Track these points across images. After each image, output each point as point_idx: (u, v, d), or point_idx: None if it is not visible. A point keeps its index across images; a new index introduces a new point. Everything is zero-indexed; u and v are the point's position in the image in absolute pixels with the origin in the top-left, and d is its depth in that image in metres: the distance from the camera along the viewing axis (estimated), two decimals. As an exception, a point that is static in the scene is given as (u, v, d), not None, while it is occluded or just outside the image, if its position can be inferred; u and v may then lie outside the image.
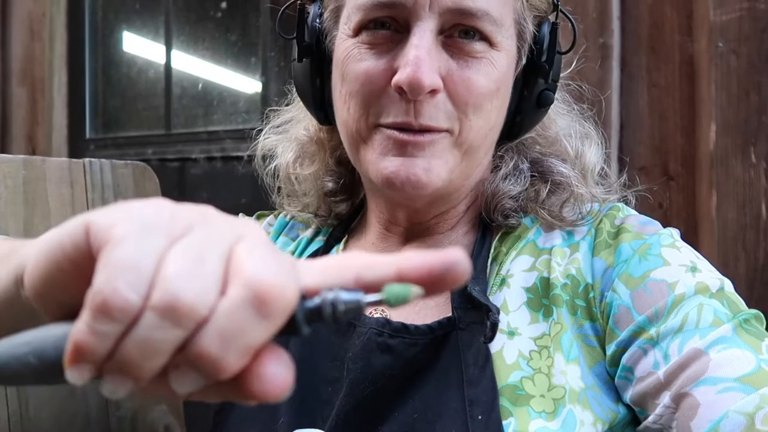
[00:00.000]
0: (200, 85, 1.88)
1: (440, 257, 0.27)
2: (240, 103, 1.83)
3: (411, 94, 0.53)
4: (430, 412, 0.53)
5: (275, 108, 0.75)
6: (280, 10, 0.65)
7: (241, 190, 1.73)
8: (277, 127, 0.74)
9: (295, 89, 0.66)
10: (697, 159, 1.17)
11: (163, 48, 1.90)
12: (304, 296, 0.27)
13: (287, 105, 0.74)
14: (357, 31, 0.57)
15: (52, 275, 0.29)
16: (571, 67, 0.69)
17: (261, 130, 0.74)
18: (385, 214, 0.65)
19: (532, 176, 0.63)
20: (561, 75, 0.64)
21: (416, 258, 0.27)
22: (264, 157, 0.73)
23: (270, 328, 0.26)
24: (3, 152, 1.90)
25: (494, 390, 0.52)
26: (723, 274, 0.55)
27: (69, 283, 0.28)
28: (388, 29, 0.56)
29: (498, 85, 0.57)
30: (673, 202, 1.19)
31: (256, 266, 0.26)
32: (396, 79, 0.53)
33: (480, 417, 0.50)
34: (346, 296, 0.27)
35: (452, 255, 0.27)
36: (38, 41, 1.89)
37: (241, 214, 0.77)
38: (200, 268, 0.26)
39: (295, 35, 0.61)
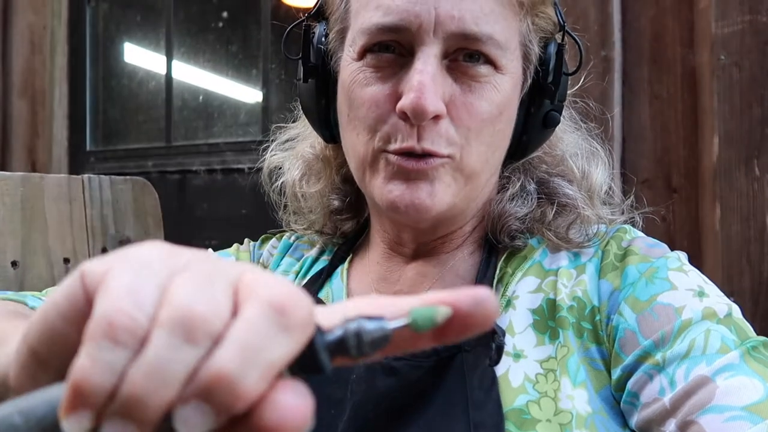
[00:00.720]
0: (201, 97, 1.88)
1: (469, 293, 0.25)
2: (241, 115, 1.83)
3: (415, 120, 0.53)
4: None
5: (281, 125, 0.75)
6: (286, 29, 0.65)
7: (242, 203, 1.72)
8: (283, 143, 0.74)
9: (300, 107, 0.67)
10: (700, 171, 1.16)
11: (164, 59, 1.90)
12: (322, 330, 0.25)
13: (293, 122, 0.74)
14: (362, 54, 0.57)
15: (48, 345, 0.26)
16: (578, 84, 0.69)
17: (267, 147, 0.74)
18: (390, 234, 0.65)
19: (538, 198, 0.62)
20: (568, 92, 0.64)
21: (443, 296, 0.25)
22: (270, 174, 0.73)
23: (291, 343, 0.24)
24: (3, 164, 1.90)
25: (500, 414, 0.51)
26: (727, 289, 0.55)
27: (65, 347, 0.25)
28: (392, 53, 0.56)
29: (501, 109, 0.57)
30: (677, 215, 1.18)
31: (269, 285, 0.24)
32: (400, 104, 0.53)
33: None
34: (370, 324, 0.24)
35: (481, 291, 0.25)
36: (39, 54, 1.90)
37: (246, 240, 0.77)
38: (209, 289, 0.24)
39: (300, 55, 0.61)
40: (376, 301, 0.26)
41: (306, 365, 0.24)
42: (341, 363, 0.25)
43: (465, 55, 0.55)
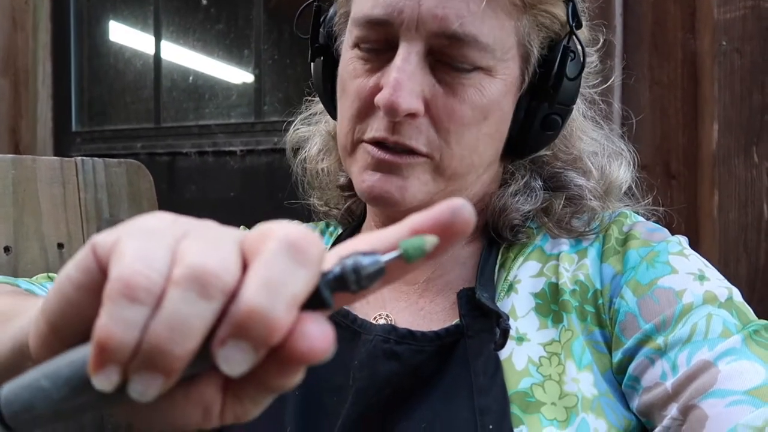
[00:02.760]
0: (191, 78, 1.84)
1: (445, 206, 0.27)
2: (233, 97, 1.79)
3: (388, 116, 0.53)
4: (439, 422, 0.52)
5: (309, 98, 0.75)
6: (284, 9, 0.66)
7: (233, 185, 1.70)
8: (307, 118, 0.75)
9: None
10: (699, 158, 1.17)
11: (152, 38, 1.85)
12: (322, 269, 0.26)
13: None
14: (355, 44, 0.57)
15: (65, 316, 0.27)
16: (603, 85, 0.67)
17: (292, 122, 0.75)
18: (380, 218, 0.65)
19: (545, 192, 0.62)
20: (592, 92, 0.63)
21: (424, 215, 0.27)
22: (295, 150, 0.74)
23: (309, 276, 0.25)
24: (-14, 145, 1.85)
25: (505, 398, 0.51)
26: (724, 275, 0.55)
27: (81, 316, 0.27)
28: (379, 46, 0.56)
29: (485, 113, 0.55)
30: (675, 201, 1.18)
31: (280, 227, 0.26)
32: (377, 98, 0.54)
33: (491, 426, 0.50)
34: (365, 259, 0.26)
35: (455, 202, 0.27)
36: (21, 31, 1.84)
37: (241, 228, 0.76)
38: (216, 248, 0.26)
39: (309, 35, 0.63)
40: (363, 239, 0.28)
41: (311, 302, 0.26)
42: (341, 298, 0.27)
43: (451, 60, 0.54)
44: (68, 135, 1.88)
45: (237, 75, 1.82)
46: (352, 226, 0.71)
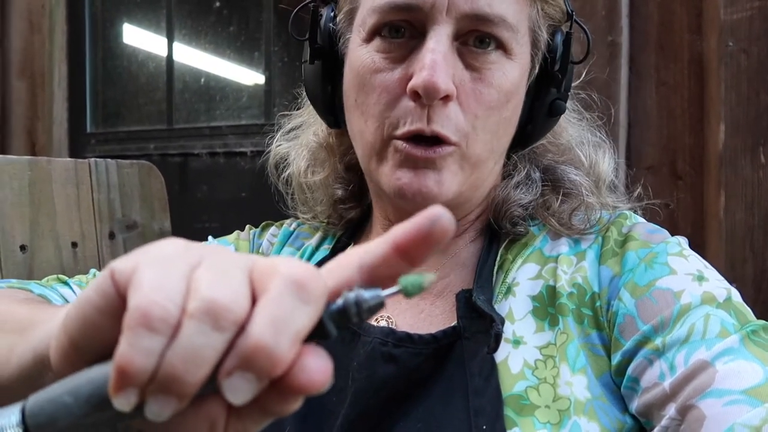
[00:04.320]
0: (203, 80, 1.86)
1: (424, 216, 0.29)
2: (243, 98, 1.81)
3: (426, 98, 0.52)
4: (435, 422, 0.52)
5: (285, 113, 0.74)
6: (293, 10, 0.64)
7: (244, 186, 1.72)
8: (288, 132, 0.74)
9: (305, 92, 0.66)
10: (705, 159, 1.16)
11: (164, 41, 1.88)
12: (326, 301, 0.28)
13: (297, 109, 0.74)
14: (371, 35, 0.56)
15: (85, 335, 0.29)
16: (582, 77, 0.69)
17: (272, 137, 0.74)
18: (392, 222, 0.65)
19: (543, 185, 0.62)
20: (573, 84, 0.64)
21: (403, 227, 0.29)
22: (276, 165, 0.73)
23: (312, 313, 0.27)
24: (3, 147, 1.88)
25: (499, 400, 0.52)
26: (730, 276, 0.55)
27: (101, 336, 0.29)
28: (402, 36, 0.55)
29: (509, 97, 0.56)
30: (681, 202, 1.18)
31: (285, 265, 0.28)
32: (412, 83, 0.53)
33: (484, 427, 0.50)
34: (366, 294, 0.28)
35: (434, 210, 0.29)
36: (38, 34, 1.87)
37: (247, 227, 0.77)
38: (227, 279, 0.27)
39: (307, 37, 0.61)
40: (357, 249, 0.30)
41: (315, 332, 0.28)
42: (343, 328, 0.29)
43: (476, 40, 0.55)
44: (83, 136, 1.91)
45: (247, 77, 1.83)
46: (351, 229, 0.71)
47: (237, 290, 0.27)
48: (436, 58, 0.52)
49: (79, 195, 0.88)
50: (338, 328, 0.28)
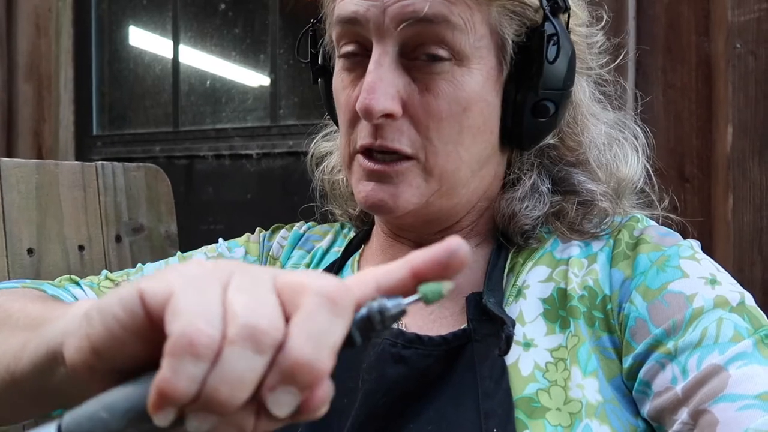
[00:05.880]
0: (208, 82, 1.86)
1: (443, 247, 0.31)
2: (249, 101, 1.81)
3: (366, 119, 0.55)
4: (445, 424, 0.52)
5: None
6: (297, 26, 0.69)
7: (250, 188, 1.72)
8: (327, 134, 0.77)
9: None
10: (713, 161, 1.16)
11: (170, 43, 1.88)
12: None
13: None
14: (339, 50, 0.59)
15: (107, 346, 0.30)
16: (613, 63, 0.67)
17: (314, 139, 0.78)
18: (389, 224, 0.67)
19: (555, 194, 0.61)
20: (598, 72, 0.63)
21: (422, 254, 0.31)
22: (317, 163, 0.76)
23: (344, 325, 0.28)
24: (9, 148, 1.89)
25: (510, 403, 0.52)
26: (738, 279, 0.55)
27: (124, 350, 0.30)
28: (357, 56, 0.58)
29: (465, 105, 0.55)
30: (689, 204, 1.18)
31: (314, 281, 0.29)
32: (356, 106, 0.55)
33: (495, 430, 0.50)
34: (389, 303, 0.29)
35: (452, 242, 0.31)
36: (44, 37, 1.88)
37: (257, 229, 0.77)
38: (260, 301, 0.28)
39: (308, 60, 0.66)
40: (376, 269, 0.32)
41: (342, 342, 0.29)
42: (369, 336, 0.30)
43: (424, 55, 0.55)
44: (89, 138, 1.91)
45: (253, 79, 1.84)
46: (362, 231, 0.72)
47: (272, 312, 0.28)
48: (370, 80, 0.54)
49: (86, 198, 0.88)
50: (363, 336, 0.30)
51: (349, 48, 0.58)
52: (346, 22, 0.56)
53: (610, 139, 0.64)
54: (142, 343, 0.29)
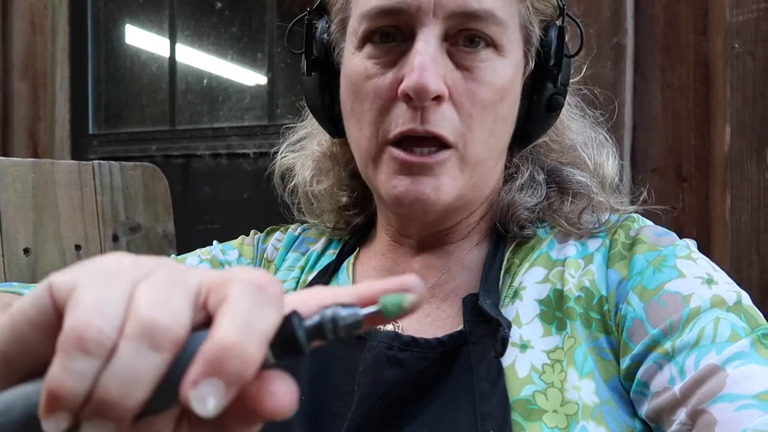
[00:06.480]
0: (205, 81, 1.86)
1: (397, 282, 0.28)
2: (246, 100, 1.81)
3: (417, 100, 0.52)
4: (441, 427, 0.52)
5: (290, 125, 0.75)
6: (291, 20, 0.66)
7: (246, 188, 1.72)
8: (294, 144, 0.74)
9: (306, 103, 0.66)
10: (711, 161, 1.16)
11: (167, 42, 1.88)
12: (300, 316, 0.27)
13: (302, 121, 0.74)
14: (363, 42, 0.56)
15: (16, 350, 0.28)
16: (582, 72, 0.69)
17: (278, 150, 0.75)
18: (394, 227, 0.65)
19: (548, 187, 0.62)
20: (573, 80, 0.64)
21: (373, 286, 0.28)
22: (282, 176, 0.74)
23: (274, 313, 0.26)
24: (4, 147, 1.88)
25: (506, 405, 0.51)
26: (736, 279, 0.55)
27: (34, 351, 0.27)
28: (392, 41, 0.55)
29: (502, 94, 0.56)
30: (686, 204, 1.18)
31: (240, 272, 0.27)
32: (402, 87, 0.53)
33: None
34: (344, 311, 0.27)
35: (408, 278, 0.28)
36: (40, 34, 1.87)
37: (252, 232, 0.77)
38: (169, 297, 0.26)
39: (303, 50, 0.62)
40: (323, 290, 0.30)
41: (288, 348, 0.27)
42: (318, 345, 0.28)
43: (465, 39, 0.54)
44: (85, 137, 1.91)
45: (250, 78, 1.83)
46: (357, 234, 0.71)
47: (178, 308, 0.26)
48: (423, 59, 0.52)
49: (83, 197, 0.87)
50: (312, 345, 0.27)
51: (379, 35, 0.55)
52: (388, 12, 0.54)
53: (589, 141, 0.66)
54: (54, 344, 0.26)
